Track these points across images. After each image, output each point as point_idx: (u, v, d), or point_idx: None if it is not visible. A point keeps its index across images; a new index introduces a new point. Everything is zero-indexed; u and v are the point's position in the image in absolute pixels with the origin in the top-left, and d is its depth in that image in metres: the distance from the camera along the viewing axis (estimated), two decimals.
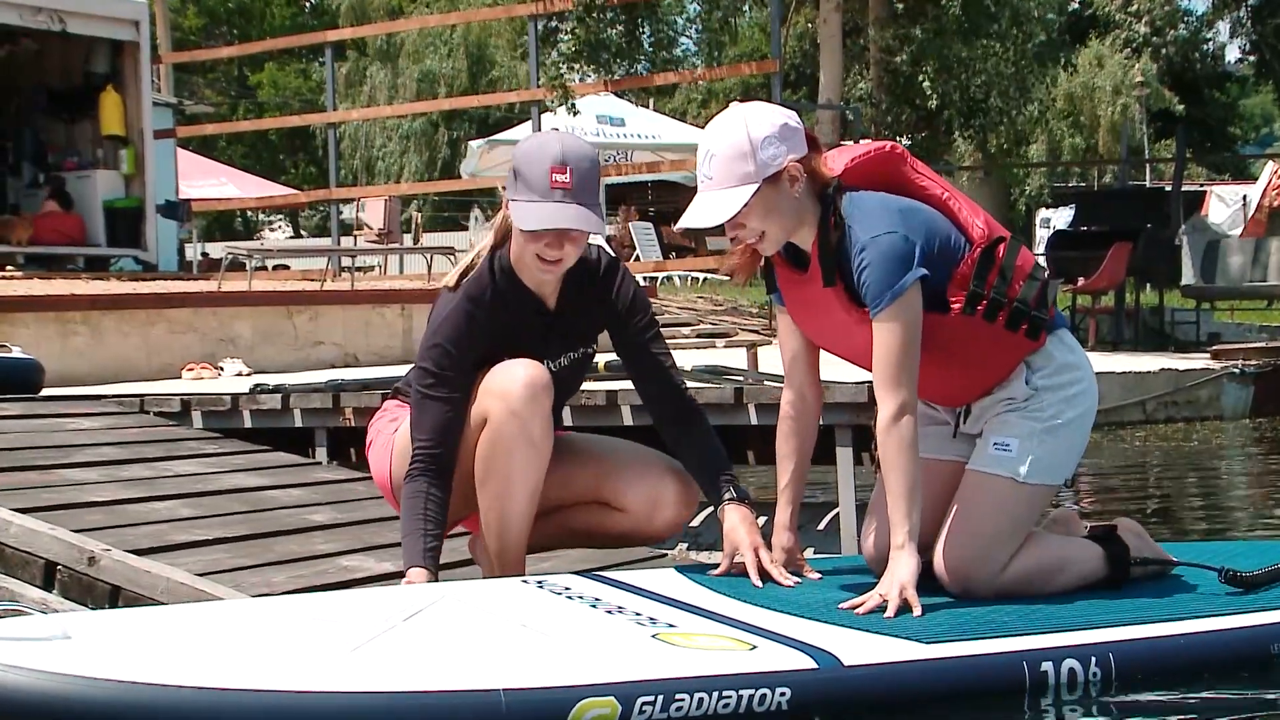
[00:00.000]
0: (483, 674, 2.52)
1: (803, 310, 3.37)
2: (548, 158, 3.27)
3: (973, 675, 2.81)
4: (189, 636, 2.69)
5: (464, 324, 3.32)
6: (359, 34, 28.83)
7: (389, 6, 36.70)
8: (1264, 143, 40.92)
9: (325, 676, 2.47)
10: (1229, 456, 9.26)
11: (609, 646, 2.73)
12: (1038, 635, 2.94)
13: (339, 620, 2.80)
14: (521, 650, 2.69)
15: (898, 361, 3.14)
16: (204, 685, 2.39)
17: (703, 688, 2.58)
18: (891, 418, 3.13)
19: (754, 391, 4.76)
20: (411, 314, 10.21)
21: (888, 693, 2.74)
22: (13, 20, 13.13)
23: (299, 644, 2.66)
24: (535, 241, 3.28)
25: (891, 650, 2.80)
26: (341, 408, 5.55)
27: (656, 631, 2.82)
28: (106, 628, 2.68)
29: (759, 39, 36.18)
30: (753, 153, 3.17)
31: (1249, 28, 32.60)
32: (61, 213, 13.49)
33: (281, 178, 36.87)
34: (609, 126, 21.35)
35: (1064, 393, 3.32)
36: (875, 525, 3.39)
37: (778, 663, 2.69)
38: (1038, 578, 3.28)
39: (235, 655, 2.58)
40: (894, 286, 3.13)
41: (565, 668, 2.58)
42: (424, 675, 2.50)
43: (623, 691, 2.52)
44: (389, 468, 3.52)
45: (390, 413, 3.61)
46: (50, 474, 4.79)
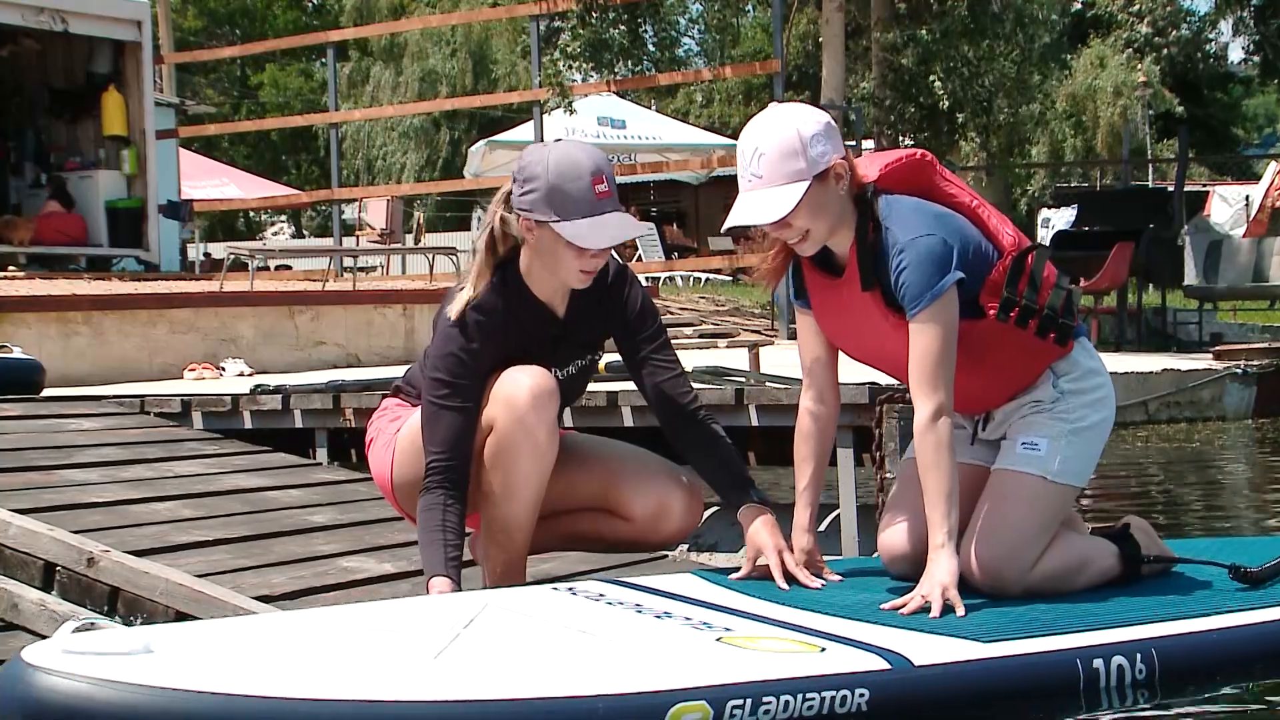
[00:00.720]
0: (575, 681, 2.52)
1: (833, 316, 3.37)
2: (585, 172, 3.25)
3: (1032, 673, 2.85)
4: (266, 647, 2.67)
5: (476, 336, 3.31)
6: (361, 34, 28.83)
7: (392, 6, 36.70)
8: (1267, 143, 40.88)
9: (418, 685, 2.46)
10: (1231, 457, 9.25)
11: (681, 651, 2.74)
12: (1085, 632, 2.97)
13: (400, 629, 2.79)
14: (600, 657, 2.69)
15: (936, 363, 3.15)
16: (303, 696, 2.37)
17: (788, 690, 2.60)
18: (929, 419, 3.14)
19: (755, 393, 4.75)
20: (413, 314, 10.21)
21: (958, 692, 2.77)
22: (15, 20, 13.13)
23: (374, 652, 2.64)
24: (581, 256, 3.28)
25: (956, 650, 2.83)
26: (342, 408, 5.54)
27: (719, 636, 2.83)
28: (186, 639, 2.67)
29: (761, 39, 36.18)
30: (803, 150, 3.16)
31: (1252, 28, 32.58)
32: (63, 213, 13.49)
33: (283, 178, 36.88)
34: (610, 129, 21.36)
35: (1088, 397, 3.38)
36: (896, 524, 3.40)
37: (852, 664, 2.72)
38: (1063, 576, 3.31)
39: (317, 665, 2.56)
40: (933, 288, 3.15)
41: (656, 673, 2.58)
42: (516, 683, 2.50)
43: (714, 696, 2.54)
44: (390, 468, 3.52)
45: (391, 412, 3.59)
46: (51, 475, 4.79)
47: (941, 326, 3.15)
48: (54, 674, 2.34)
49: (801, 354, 3.46)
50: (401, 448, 3.47)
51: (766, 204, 3.18)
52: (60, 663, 2.36)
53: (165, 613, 3.56)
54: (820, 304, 3.38)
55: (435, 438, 3.29)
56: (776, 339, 11.80)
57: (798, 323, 3.47)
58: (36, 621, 3.59)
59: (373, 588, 3.93)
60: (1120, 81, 29.20)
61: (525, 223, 3.29)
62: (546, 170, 3.26)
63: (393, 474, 3.51)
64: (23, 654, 2.41)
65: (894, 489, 3.51)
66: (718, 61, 35.39)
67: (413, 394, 3.57)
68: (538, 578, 3.78)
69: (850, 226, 3.26)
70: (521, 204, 3.28)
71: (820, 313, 3.40)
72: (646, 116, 24.09)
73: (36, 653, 2.40)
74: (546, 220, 3.25)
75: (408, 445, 3.46)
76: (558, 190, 3.24)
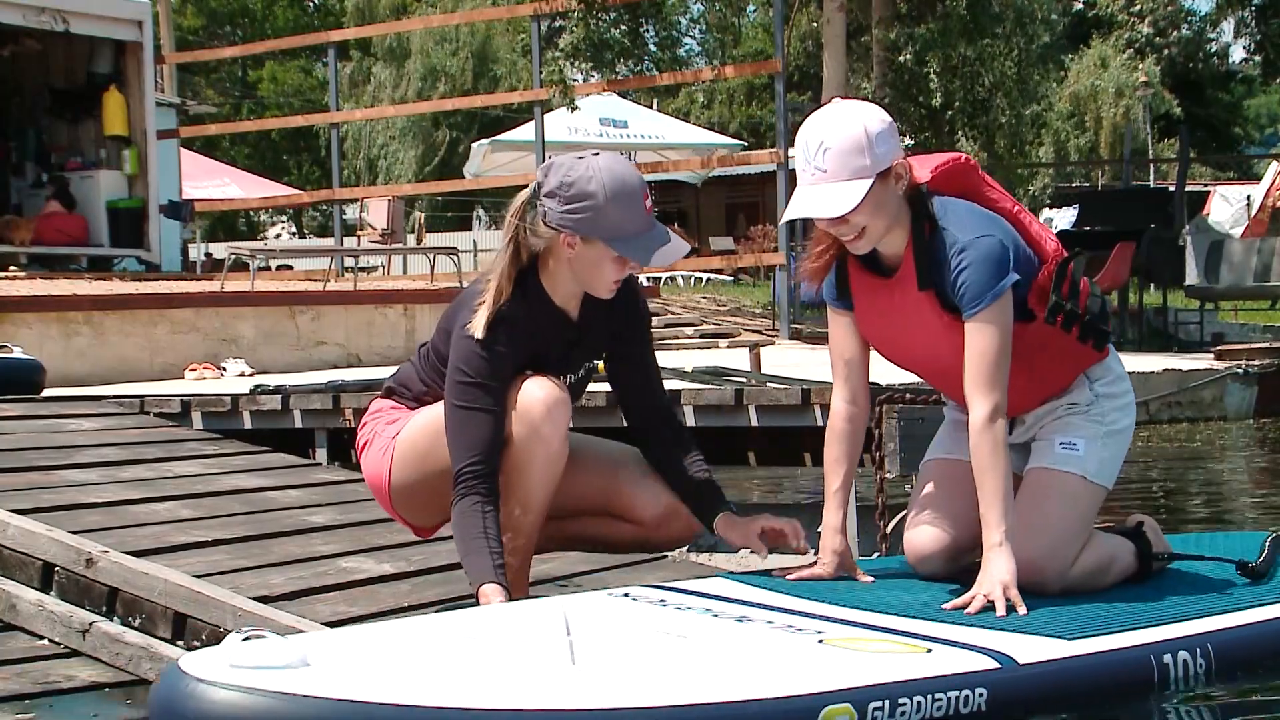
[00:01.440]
0: (724, 686, 2.54)
1: (879, 317, 3.36)
2: (637, 191, 3.29)
3: (1117, 669, 2.91)
4: (415, 654, 2.67)
5: (502, 341, 3.29)
6: (362, 34, 28.84)
7: (395, 5, 36.69)
8: (1268, 142, 40.87)
9: (578, 693, 2.47)
10: (1232, 457, 9.24)
11: (795, 654, 2.75)
12: (1151, 628, 3.04)
13: (509, 638, 2.79)
14: (724, 662, 2.70)
15: (994, 362, 3.17)
16: (471, 706, 2.38)
17: (919, 691, 2.64)
18: (987, 418, 3.16)
19: (754, 393, 4.74)
20: (414, 314, 10.21)
21: (1058, 689, 2.83)
22: (16, 20, 13.13)
23: (509, 660, 2.64)
24: (623, 267, 3.32)
25: (1049, 649, 2.89)
26: (342, 409, 5.54)
27: (818, 639, 2.85)
28: (343, 648, 2.67)
29: (762, 39, 36.18)
30: (869, 147, 3.16)
31: (1254, 27, 32.58)
32: (64, 213, 13.49)
33: (284, 178, 36.87)
34: (612, 128, 21.35)
35: (1120, 401, 3.44)
36: (923, 523, 3.42)
37: (964, 665, 2.76)
38: (1095, 574, 3.35)
39: (466, 672, 2.55)
40: (994, 288, 3.17)
41: (802, 677, 2.61)
42: (670, 689, 2.51)
43: (857, 698, 2.57)
44: (388, 471, 3.48)
45: (386, 414, 3.55)
46: (50, 475, 4.79)
47: (999, 327, 3.18)
48: (218, 686, 2.33)
49: (834, 355, 3.47)
50: (401, 452, 3.45)
51: (829, 198, 3.17)
52: (225, 675, 2.35)
53: (164, 614, 3.56)
54: (866, 305, 3.37)
55: (467, 442, 3.26)
56: (777, 339, 11.80)
57: (831, 324, 3.46)
58: (34, 622, 3.58)
59: (372, 588, 3.93)
60: (1122, 82, 29.19)
61: (568, 238, 3.29)
62: (603, 189, 3.26)
63: (390, 478, 3.47)
64: (182, 664, 2.40)
65: (919, 488, 3.51)
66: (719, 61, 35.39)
67: (408, 396, 3.54)
68: (538, 578, 3.77)
69: (904, 226, 3.27)
70: (567, 221, 3.27)
71: (865, 314, 3.39)
72: (648, 116, 24.08)
73: (196, 663, 2.39)
74: (599, 238, 3.27)
75: (407, 450, 3.43)
76: (614, 210, 3.26)
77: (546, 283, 3.37)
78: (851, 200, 3.16)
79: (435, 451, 3.39)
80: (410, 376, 3.55)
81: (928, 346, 3.31)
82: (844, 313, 3.43)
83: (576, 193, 3.27)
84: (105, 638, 3.45)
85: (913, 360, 3.44)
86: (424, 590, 3.93)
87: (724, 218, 30.00)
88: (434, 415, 3.43)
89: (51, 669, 3.37)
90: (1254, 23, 32.28)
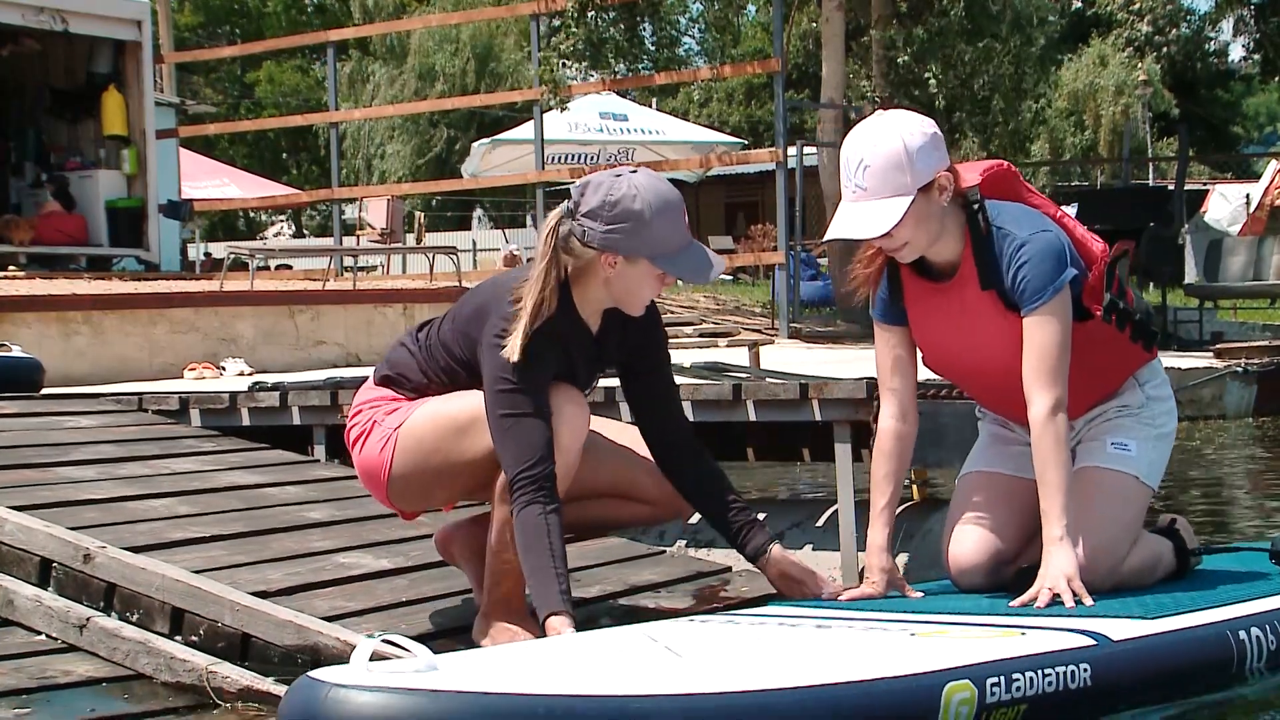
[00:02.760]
0: (844, 668, 2.57)
1: (939, 321, 3.36)
2: (676, 207, 3.32)
3: (1201, 645, 3.01)
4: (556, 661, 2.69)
5: (538, 349, 3.29)
6: (361, 33, 28.83)
7: (396, 4, 36.68)
8: (1268, 141, 40.87)
9: (703, 680, 2.48)
10: (1232, 455, 9.24)
11: (896, 645, 2.78)
12: (1222, 607, 3.13)
13: (607, 647, 2.81)
14: (838, 652, 2.72)
15: (1055, 355, 3.20)
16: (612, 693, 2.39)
17: (1030, 667, 2.70)
18: (1049, 413, 3.19)
19: (752, 388, 4.74)
20: (414, 313, 10.19)
21: (1151, 665, 2.90)
22: (15, 20, 13.12)
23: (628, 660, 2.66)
24: (662, 283, 3.35)
25: (1136, 627, 2.95)
26: (340, 405, 5.52)
27: (910, 633, 2.87)
28: (466, 657, 2.69)
29: (762, 38, 36.18)
30: (909, 163, 3.17)
31: (1253, 26, 32.57)
32: (64, 213, 13.48)
33: (283, 177, 36.87)
34: (612, 122, 21.36)
35: (1166, 404, 3.49)
36: (965, 537, 3.42)
37: (1061, 643, 2.81)
38: (1142, 572, 3.40)
39: (594, 671, 2.56)
40: (1054, 281, 3.20)
41: (920, 658, 2.65)
42: (792, 673, 2.52)
43: (975, 674, 2.62)
44: (389, 462, 3.44)
45: (386, 403, 3.50)
46: (48, 472, 4.78)
47: (1060, 321, 3.21)
48: (357, 689, 2.33)
49: (881, 370, 3.46)
50: (404, 444, 3.41)
51: (868, 218, 3.19)
52: (361, 678, 2.35)
53: (161, 609, 3.56)
54: (922, 312, 3.36)
55: (519, 448, 3.23)
56: (776, 338, 11.80)
57: (877, 339, 3.45)
58: (32, 617, 3.59)
59: (369, 583, 3.94)
60: (1121, 80, 29.18)
61: (609, 257, 3.29)
62: (648, 207, 3.26)
63: (390, 468, 3.45)
64: (313, 675, 2.40)
65: (958, 501, 3.51)
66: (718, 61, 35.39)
67: (406, 386, 3.50)
68: None
69: (953, 235, 3.28)
70: (610, 241, 3.27)
71: (921, 321, 3.38)
72: (648, 112, 24.11)
73: (330, 673, 2.40)
74: (643, 257, 3.28)
75: (411, 443, 3.40)
76: (659, 229, 3.28)
77: (576, 297, 3.37)
78: (890, 220, 3.17)
79: (441, 447, 3.38)
80: (408, 365, 3.52)
81: (988, 349, 3.32)
82: (891, 329, 3.42)
83: (621, 212, 3.27)
84: (102, 633, 3.45)
85: (968, 367, 3.43)
86: (421, 586, 3.94)
87: (723, 217, 30.02)
88: (439, 409, 3.41)
89: (49, 664, 3.38)
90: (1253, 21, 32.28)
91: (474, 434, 3.34)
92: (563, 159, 19.58)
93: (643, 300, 3.39)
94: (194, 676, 3.24)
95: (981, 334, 3.31)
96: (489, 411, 3.28)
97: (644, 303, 3.40)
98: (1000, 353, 3.29)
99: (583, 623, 3.54)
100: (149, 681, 3.32)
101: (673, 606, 4.03)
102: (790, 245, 12.81)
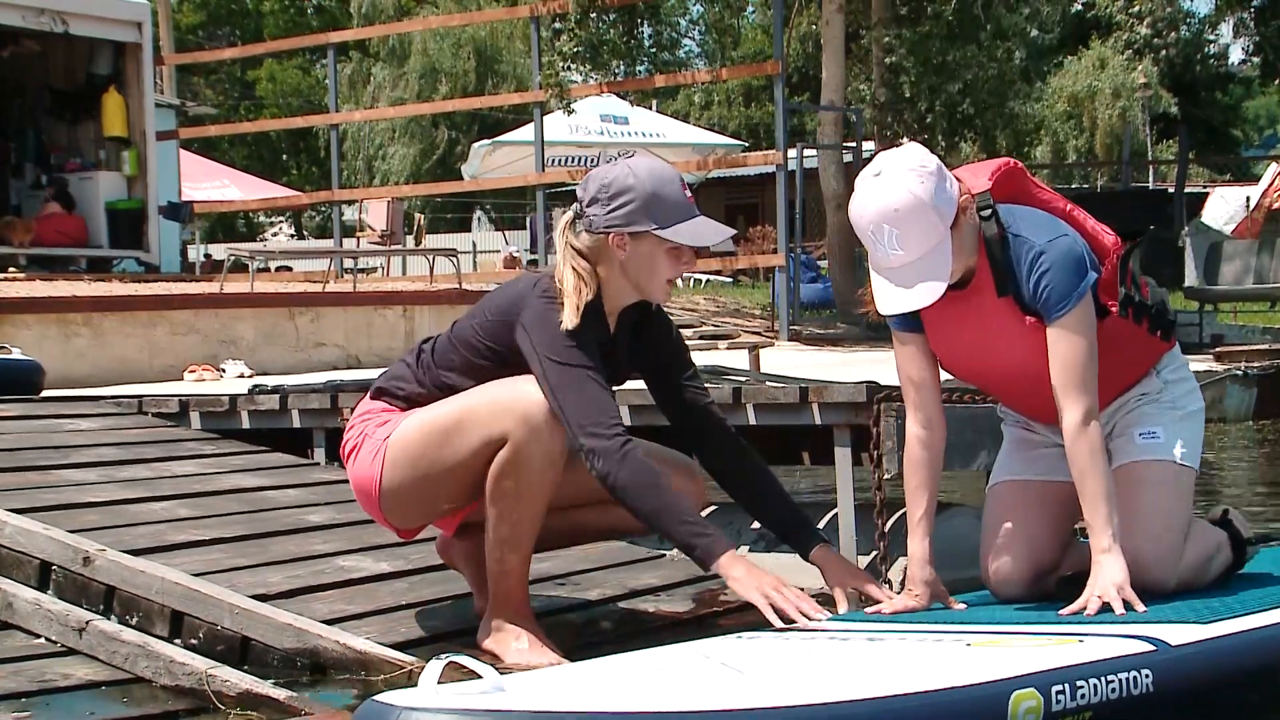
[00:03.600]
0: (910, 678, 2.55)
1: (955, 329, 3.31)
2: (674, 179, 3.34)
3: (1260, 648, 2.96)
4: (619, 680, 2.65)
5: (584, 328, 3.30)
6: (361, 35, 28.80)
7: (397, 6, 36.67)
8: (1268, 144, 40.87)
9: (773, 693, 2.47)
10: (1233, 458, 9.24)
11: (950, 656, 2.75)
12: (1274, 610, 3.08)
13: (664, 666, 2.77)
14: (895, 664, 2.71)
15: (1083, 364, 3.16)
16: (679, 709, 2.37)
17: (1093, 674, 2.68)
18: (1081, 423, 3.15)
19: (752, 391, 4.74)
20: (413, 316, 10.20)
21: (1213, 669, 2.87)
22: (15, 21, 13.12)
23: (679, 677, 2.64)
24: (675, 264, 3.34)
25: (1193, 632, 2.92)
26: (340, 408, 5.52)
27: (966, 643, 2.85)
28: (531, 677, 2.68)
29: (762, 40, 36.18)
30: (935, 215, 3.10)
31: (1253, 29, 32.58)
32: (64, 214, 13.48)
33: (283, 179, 36.87)
34: (613, 125, 21.37)
35: (1187, 385, 3.43)
36: (1002, 548, 3.38)
37: (1121, 650, 2.79)
38: (1201, 565, 3.35)
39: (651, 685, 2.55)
40: (1078, 288, 3.16)
41: (985, 667, 2.64)
42: (857, 685, 2.51)
43: (1040, 682, 2.60)
44: (379, 475, 3.41)
45: (376, 416, 3.49)
46: (48, 474, 4.78)
47: (1085, 329, 3.17)
48: (428, 711, 2.32)
49: (904, 381, 3.41)
50: (392, 455, 3.39)
51: (923, 283, 3.11)
52: (432, 700, 2.34)
53: (161, 612, 3.56)
54: (938, 320, 3.31)
55: (592, 395, 3.22)
56: (776, 340, 11.79)
57: (897, 349, 3.40)
58: (31, 620, 3.59)
59: (369, 587, 3.94)
60: (1119, 83, 29.18)
61: (618, 238, 3.30)
62: (640, 182, 3.29)
63: (381, 481, 3.42)
64: (380, 699, 2.40)
65: (990, 513, 3.46)
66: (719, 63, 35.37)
67: (399, 396, 3.49)
68: (537, 576, 3.78)
69: (969, 243, 3.22)
70: (614, 220, 3.29)
71: (937, 329, 3.33)
72: (648, 114, 24.11)
73: (398, 697, 2.39)
74: (648, 230, 3.28)
75: (398, 453, 3.38)
76: (657, 198, 3.29)
77: (602, 293, 3.37)
78: (942, 281, 3.11)
79: (427, 454, 3.36)
80: (403, 376, 3.50)
81: (1008, 353, 3.28)
82: (910, 336, 3.36)
83: (616, 190, 3.29)
84: (102, 636, 3.45)
85: (988, 371, 3.39)
86: (421, 589, 3.94)
87: (723, 219, 29.90)
88: (425, 415, 3.40)
89: (48, 667, 3.38)
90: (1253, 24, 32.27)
91: (460, 436, 3.32)
92: (563, 161, 19.60)
93: (661, 281, 3.35)
94: (193, 680, 3.24)
95: (999, 339, 3.28)
96: (544, 382, 3.25)
97: (663, 284, 3.37)
98: (1020, 356, 3.26)
99: (582, 626, 3.55)
100: (148, 685, 3.31)
101: (673, 610, 4.04)
102: (790, 247, 12.81)
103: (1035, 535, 3.39)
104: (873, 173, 3.17)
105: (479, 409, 3.32)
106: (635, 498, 3.22)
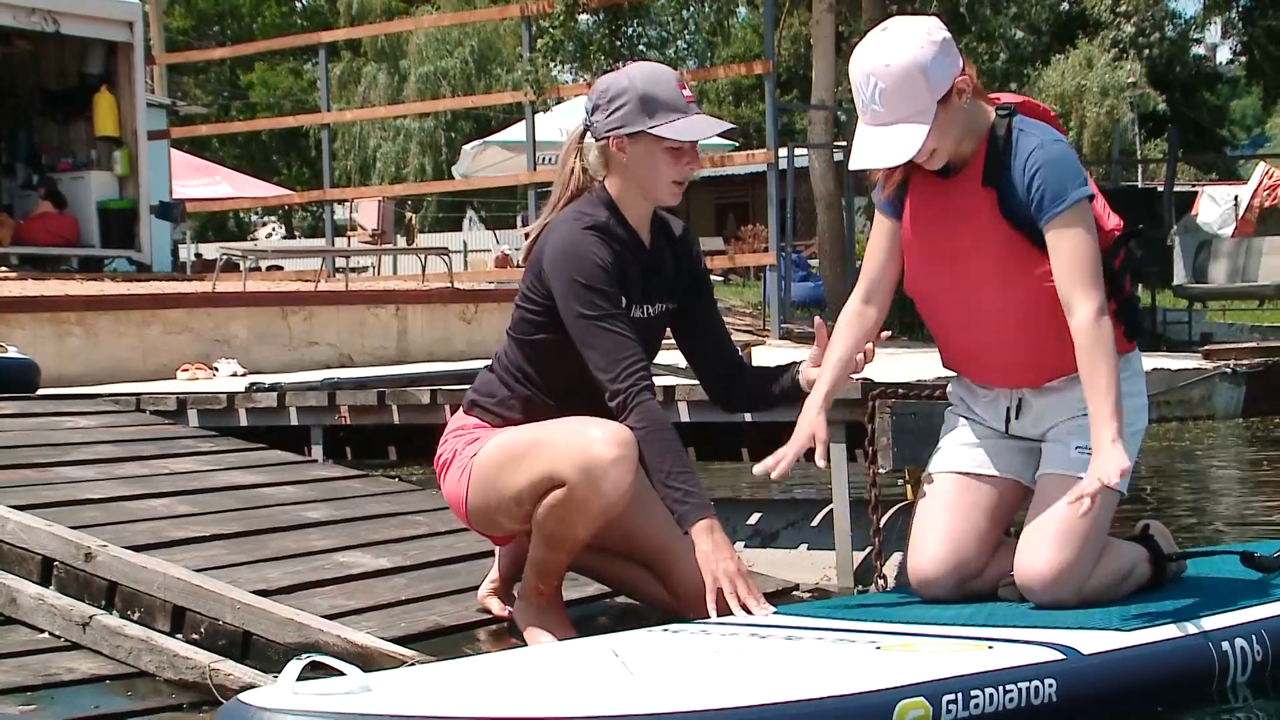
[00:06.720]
0: (797, 685, 2.52)
1: (930, 215, 3.25)
2: (670, 76, 3.37)
3: (1179, 657, 2.91)
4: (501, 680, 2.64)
5: (605, 249, 3.30)
6: (352, 35, 28.83)
7: (385, 7, 36.63)
8: (1255, 143, 40.98)
9: (651, 699, 2.46)
10: (1221, 456, 9.29)
11: (857, 659, 2.73)
12: (1205, 618, 3.02)
13: (561, 662, 2.78)
14: (792, 668, 2.68)
15: (1088, 259, 3.08)
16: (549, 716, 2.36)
17: (990, 683, 2.63)
18: (1094, 318, 3.06)
19: None
20: (406, 315, 10.22)
21: (1123, 678, 2.83)
22: (6, 21, 13.12)
23: (566, 678, 2.62)
24: (677, 164, 3.34)
25: (1109, 640, 2.88)
26: (337, 405, 5.56)
27: (875, 645, 2.82)
28: (403, 677, 2.64)
29: (752, 40, 36.20)
30: (925, 80, 3.06)
31: (1240, 29, 32.64)
32: (55, 213, 13.48)
33: (274, 178, 36.82)
34: None
35: (1136, 401, 3.31)
36: (928, 547, 3.30)
37: (1028, 657, 2.75)
38: (1111, 584, 3.23)
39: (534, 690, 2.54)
40: (1074, 189, 3.09)
41: (874, 674, 2.60)
42: (739, 691, 2.48)
43: (930, 691, 2.57)
44: (465, 493, 3.43)
45: (468, 433, 3.49)
46: (47, 472, 4.81)
47: (1086, 229, 3.09)
48: (283, 712, 2.30)
49: (868, 258, 3.39)
50: (478, 474, 3.40)
51: (891, 146, 3.10)
52: (289, 701, 2.32)
53: (163, 607, 3.59)
54: (919, 203, 3.26)
55: (613, 343, 3.24)
56: (768, 339, 11.84)
57: (874, 228, 3.38)
58: (35, 615, 3.61)
59: (368, 582, 3.96)
60: (1106, 82, 29.20)
61: (617, 141, 3.33)
62: (633, 82, 3.33)
63: (467, 499, 3.43)
64: (243, 698, 2.38)
65: (921, 507, 3.39)
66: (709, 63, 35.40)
67: (490, 403, 3.48)
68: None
69: (975, 134, 3.18)
70: (611, 122, 3.32)
71: (918, 217, 3.28)
72: None
73: (259, 696, 2.38)
74: (642, 128, 3.30)
75: (482, 473, 3.38)
76: (649, 96, 3.31)
77: (619, 203, 3.39)
78: (912, 147, 3.08)
79: (504, 476, 3.34)
80: (490, 382, 3.51)
81: (968, 257, 3.20)
82: (889, 221, 3.35)
83: (613, 94, 3.34)
84: (105, 631, 3.48)
85: (949, 288, 3.27)
86: (419, 585, 3.97)
87: (714, 218, 30.02)
88: (506, 438, 3.39)
89: (52, 662, 3.40)
90: (1241, 24, 32.33)
91: (528, 463, 3.29)
92: (553, 160, 19.57)
93: (665, 181, 3.34)
94: (196, 674, 3.26)
95: (967, 237, 3.19)
96: (568, 321, 3.27)
97: (668, 185, 3.35)
98: (979, 265, 3.17)
99: (578, 622, 3.58)
100: (151, 679, 3.34)
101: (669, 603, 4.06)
102: (781, 246, 12.85)
103: (962, 534, 3.30)
104: (882, 28, 3.16)
105: (553, 444, 3.27)
106: (650, 434, 3.22)
